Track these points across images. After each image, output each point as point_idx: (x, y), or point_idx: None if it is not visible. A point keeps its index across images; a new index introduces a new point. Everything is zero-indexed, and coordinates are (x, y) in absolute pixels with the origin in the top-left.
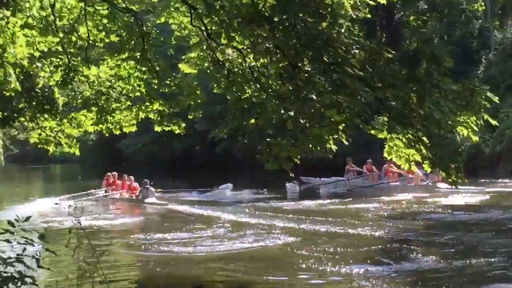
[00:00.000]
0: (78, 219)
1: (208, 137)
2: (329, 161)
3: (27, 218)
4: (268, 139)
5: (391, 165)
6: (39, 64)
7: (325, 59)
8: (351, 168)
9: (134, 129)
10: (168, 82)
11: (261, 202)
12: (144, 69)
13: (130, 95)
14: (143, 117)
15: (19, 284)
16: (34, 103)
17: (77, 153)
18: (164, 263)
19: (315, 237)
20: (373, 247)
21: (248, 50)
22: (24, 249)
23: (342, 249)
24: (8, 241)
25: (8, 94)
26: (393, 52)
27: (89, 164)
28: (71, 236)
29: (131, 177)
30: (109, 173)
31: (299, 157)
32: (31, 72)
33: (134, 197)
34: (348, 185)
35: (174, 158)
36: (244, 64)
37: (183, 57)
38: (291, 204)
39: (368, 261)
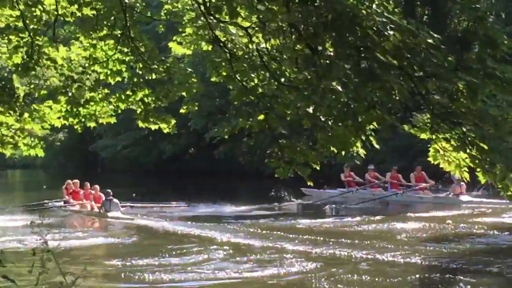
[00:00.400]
0: (43, 238)
1: (205, 137)
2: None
3: None
4: (279, 140)
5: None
6: None
7: (351, 41)
8: (350, 179)
9: (113, 120)
10: (155, 66)
11: (268, 219)
12: (126, 50)
13: (109, 81)
14: (123, 109)
15: None
16: None
17: (41, 154)
18: None
19: (336, 264)
20: (408, 277)
21: (256, 28)
22: None
23: (369, 279)
24: None
25: None
26: (436, 34)
27: (56, 170)
28: (35, 260)
29: (96, 186)
30: (69, 181)
31: (319, 163)
32: None
33: (96, 210)
34: (357, 197)
35: (162, 163)
36: (250, 46)
37: (175, 37)
38: (304, 221)
39: None
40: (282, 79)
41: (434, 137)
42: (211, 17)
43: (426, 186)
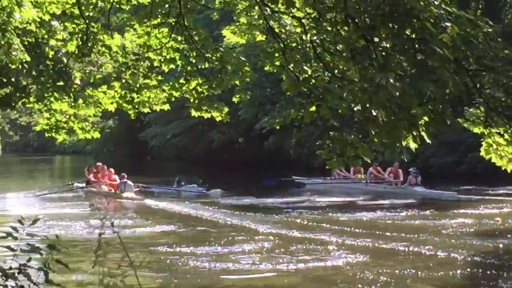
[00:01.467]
0: (111, 224)
1: (256, 128)
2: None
3: (34, 221)
4: (331, 132)
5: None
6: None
7: (408, 33)
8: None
9: (166, 107)
10: (209, 55)
11: (315, 210)
12: (180, 38)
13: (163, 69)
14: (176, 96)
15: None
16: (42, 79)
17: (97, 136)
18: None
19: (382, 257)
20: (451, 272)
21: (311, 20)
22: (29, 259)
23: (414, 272)
24: (10, 248)
25: (13, 67)
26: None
27: (105, 157)
28: (100, 243)
29: (111, 169)
30: (90, 165)
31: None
32: (40, 41)
33: (112, 191)
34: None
35: (211, 152)
36: (304, 38)
37: (228, 26)
38: (350, 215)
39: None
40: (335, 71)
41: (487, 131)
42: (266, 7)
43: (395, 181)
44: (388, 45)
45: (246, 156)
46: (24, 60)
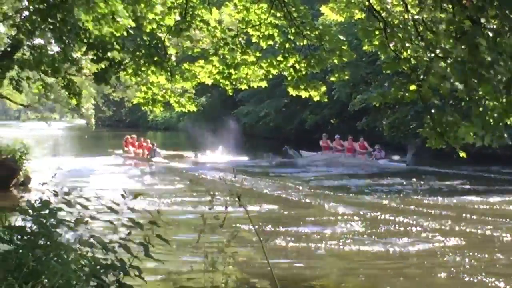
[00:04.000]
0: (238, 197)
1: (349, 109)
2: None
3: (136, 196)
4: (432, 111)
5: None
6: None
7: None
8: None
9: (264, 84)
10: (307, 32)
11: (399, 193)
12: (278, 15)
13: (261, 45)
14: (274, 74)
15: (121, 274)
16: (139, 53)
17: (193, 109)
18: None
19: (471, 241)
20: None
21: None
22: (129, 233)
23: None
24: (110, 222)
25: (107, 39)
26: None
27: (196, 134)
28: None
29: (148, 140)
30: (128, 136)
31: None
32: (139, 15)
33: (145, 156)
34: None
35: (303, 132)
36: (406, 16)
37: (328, 4)
38: (436, 198)
39: None
40: (437, 51)
41: None
42: None
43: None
44: (495, 26)
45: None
46: (129, 26)
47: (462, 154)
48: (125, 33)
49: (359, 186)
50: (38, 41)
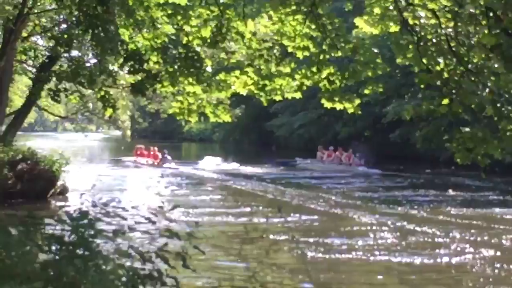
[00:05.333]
0: (278, 209)
1: (382, 121)
2: None
3: (174, 207)
4: (461, 127)
5: None
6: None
7: None
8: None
9: (298, 95)
10: (342, 44)
11: (439, 203)
12: (313, 26)
13: (297, 56)
14: (308, 85)
15: (158, 285)
16: (176, 66)
17: (228, 119)
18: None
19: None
20: None
21: (448, 12)
22: (166, 244)
23: None
24: (148, 232)
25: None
26: None
27: (231, 145)
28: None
29: (155, 148)
30: (138, 145)
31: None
32: (176, 27)
33: (156, 163)
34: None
35: (337, 144)
36: (439, 31)
37: (362, 16)
38: (470, 210)
39: None
40: (469, 66)
41: None
42: None
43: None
44: None
45: (372, 149)
46: (169, 33)
47: (483, 176)
48: (162, 45)
49: (387, 197)
50: (75, 53)
